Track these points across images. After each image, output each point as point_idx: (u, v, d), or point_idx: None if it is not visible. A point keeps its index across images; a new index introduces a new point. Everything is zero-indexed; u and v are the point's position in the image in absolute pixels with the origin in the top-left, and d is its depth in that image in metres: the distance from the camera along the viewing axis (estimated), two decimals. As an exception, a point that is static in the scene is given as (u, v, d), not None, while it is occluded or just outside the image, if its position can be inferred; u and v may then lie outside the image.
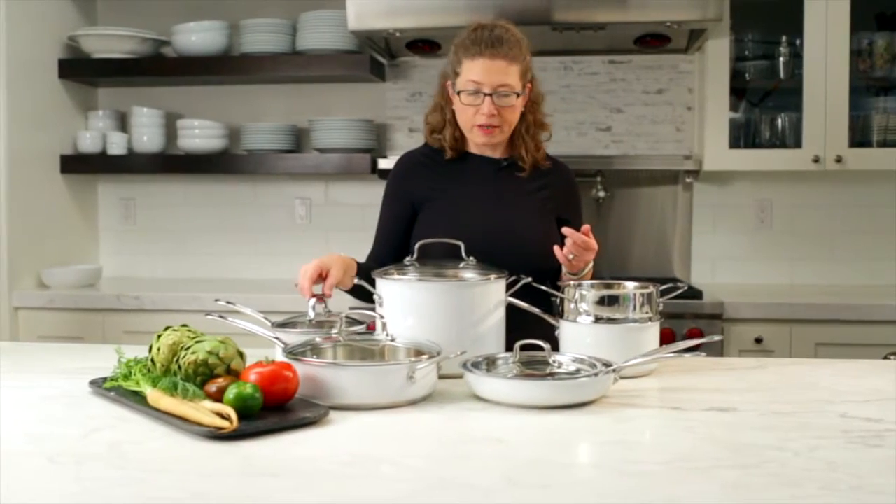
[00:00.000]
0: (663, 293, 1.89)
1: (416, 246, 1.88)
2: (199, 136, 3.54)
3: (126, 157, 3.57)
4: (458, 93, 2.04)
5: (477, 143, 2.12)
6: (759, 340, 2.98)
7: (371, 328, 1.85)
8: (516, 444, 1.33)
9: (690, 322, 2.97)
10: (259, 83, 3.67)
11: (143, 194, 3.81)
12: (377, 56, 3.47)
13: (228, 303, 1.95)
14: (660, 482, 1.16)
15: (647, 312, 1.81)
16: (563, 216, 2.16)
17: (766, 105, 3.40)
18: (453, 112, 2.11)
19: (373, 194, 3.68)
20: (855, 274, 3.51)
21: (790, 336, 2.99)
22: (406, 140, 3.67)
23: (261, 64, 3.47)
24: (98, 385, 1.62)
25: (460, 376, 1.64)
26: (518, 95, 2.04)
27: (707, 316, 3.00)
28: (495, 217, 2.09)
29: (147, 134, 3.56)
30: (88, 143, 3.56)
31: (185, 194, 3.80)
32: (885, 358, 2.93)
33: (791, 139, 3.29)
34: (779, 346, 3.00)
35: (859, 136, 3.27)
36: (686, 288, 2.02)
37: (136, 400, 1.51)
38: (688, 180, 3.52)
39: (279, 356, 1.73)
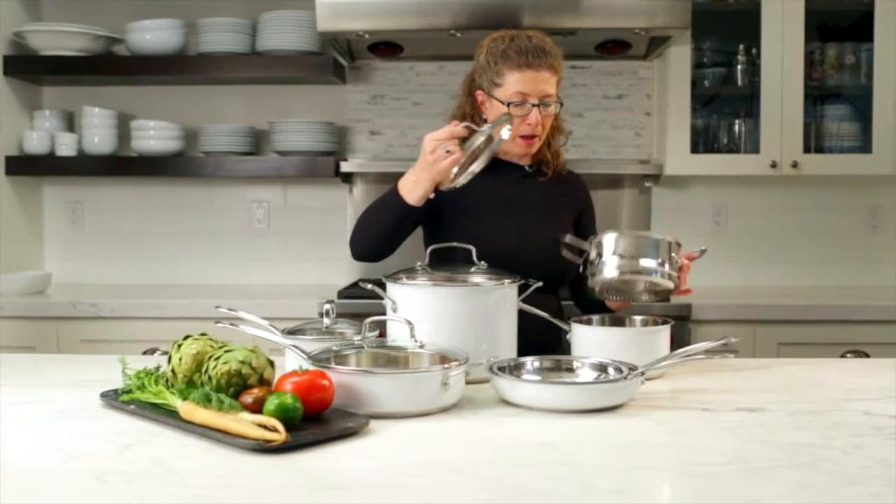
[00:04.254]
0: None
1: (428, 251, 1.86)
2: (154, 137, 3.42)
3: (75, 158, 3.42)
4: (507, 104, 1.98)
5: (517, 153, 2.10)
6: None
7: (381, 335, 1.83)
8: (569, 450, 1.32)
9: (659, 324, 3.01)
10: (217, 84, 3.57)
11: (91, 198, 3.66)
12: (338, 57, 3.42)
13: (230, 310, 1.89)
14: (731, 484, 1.16)
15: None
16: (581, 220, 2.19)
17: (723, 111, 3.48)
18: (483, 121, 2.06)
19: (334, 198, 3.65)
20: (806, 276, 3.63)
21: (754, 337, 3.07)
22: (367, 143, 3.63)
23: (219, 64, 3.38)
24: (112, 398, 1.55)
25: (481, 381, 1.63)
26: (562, 104, 2.06)
27: (674, 317, 3.03)
28: (520, 221, 2.07)
29: (98, 135, 3.42)
30: (35, 143, 3.40)
31: (138, 197, 3.66)
32: (843, 356, 3.04)
33: (748, 145, 3.38)
34: (743, 347, 3.06)
35: (812, 143, 3.38)
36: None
37: (160, 412, 1.44)
38: (647, 184, 3.58)
39: (289, 364, 1.69)
